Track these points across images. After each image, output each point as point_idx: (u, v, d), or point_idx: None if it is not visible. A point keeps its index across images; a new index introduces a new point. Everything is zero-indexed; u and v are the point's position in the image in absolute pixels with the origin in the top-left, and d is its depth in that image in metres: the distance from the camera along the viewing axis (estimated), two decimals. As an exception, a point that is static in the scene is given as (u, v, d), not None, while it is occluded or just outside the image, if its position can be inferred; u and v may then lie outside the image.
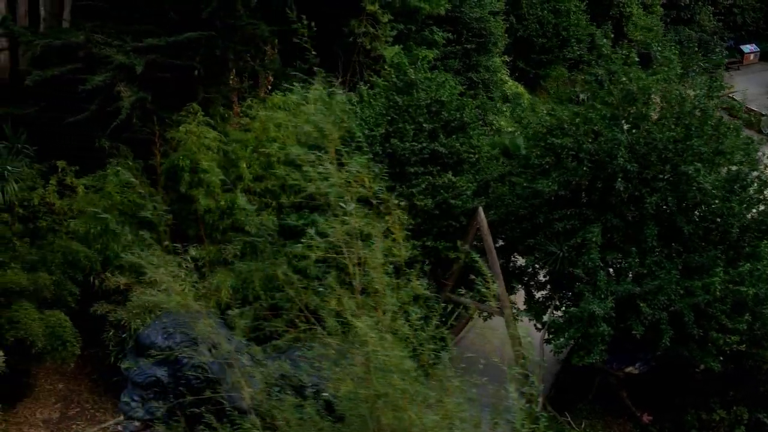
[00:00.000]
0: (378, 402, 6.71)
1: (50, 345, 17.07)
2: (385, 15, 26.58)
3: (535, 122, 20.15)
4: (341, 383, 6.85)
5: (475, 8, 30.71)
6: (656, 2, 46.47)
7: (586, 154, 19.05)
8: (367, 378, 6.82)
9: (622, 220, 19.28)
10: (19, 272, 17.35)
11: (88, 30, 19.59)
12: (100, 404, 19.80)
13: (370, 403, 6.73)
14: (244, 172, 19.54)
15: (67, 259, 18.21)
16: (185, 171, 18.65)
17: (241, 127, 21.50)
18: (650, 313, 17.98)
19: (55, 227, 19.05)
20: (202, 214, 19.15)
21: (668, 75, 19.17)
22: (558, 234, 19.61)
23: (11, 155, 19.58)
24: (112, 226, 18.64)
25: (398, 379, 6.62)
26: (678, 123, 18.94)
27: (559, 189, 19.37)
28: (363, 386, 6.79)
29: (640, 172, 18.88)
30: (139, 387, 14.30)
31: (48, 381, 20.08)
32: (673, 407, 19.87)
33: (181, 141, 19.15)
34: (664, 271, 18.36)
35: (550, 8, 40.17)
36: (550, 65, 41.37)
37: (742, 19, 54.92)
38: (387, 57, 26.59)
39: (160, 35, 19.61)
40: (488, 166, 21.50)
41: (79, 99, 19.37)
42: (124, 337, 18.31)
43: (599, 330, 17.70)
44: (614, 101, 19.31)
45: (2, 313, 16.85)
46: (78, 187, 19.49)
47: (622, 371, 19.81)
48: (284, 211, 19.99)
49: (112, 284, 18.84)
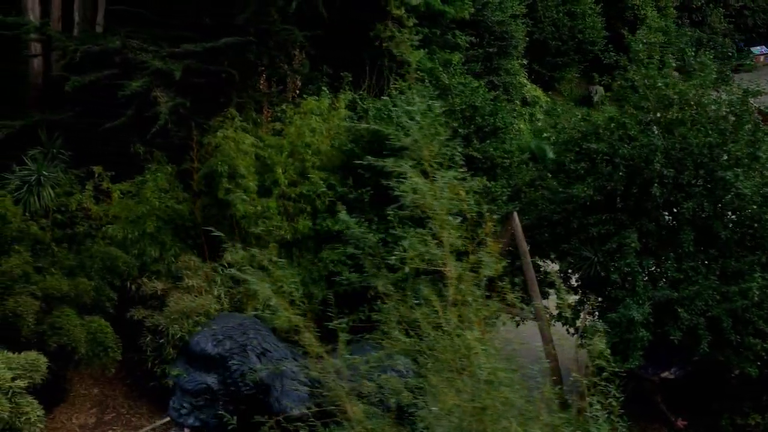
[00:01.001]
0: (483, 415, 6.74)
1: (92, 351, 17.08)
2: (410, 19, 26.67)
3: (570, 127, 20.18)
4: (445, 396, 6.86)
5: (496, 12, 30.79)
6: (669, 5, 46.60)
7: (622, 159, 19.08)
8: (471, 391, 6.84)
9: (656, 225, 19.33)
10: (60, 278, 17.38)
11: (123, 35, 19.61)
12: (135, 409, 19.81)
13: (476, 416, 6.76)
14: (279, 178, 19.59)
15: (105, 265, 18.23)
16: (223, 176, 18.68)
17: (273, 131, 21.56)
18: (688, 318, 18.03)
19: (92, 233, 19.08)
20: (238, 219, 19.18)
21: (704, 80, 19.21)
22: (593, 239, 19.64)
23: (47, 161, 19.63)
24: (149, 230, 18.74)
25: (507, 391, 6.66)
26: (713, 128, 18.97)
27: (595, 194, 19.41)
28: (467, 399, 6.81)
29: (676, 178, 18.92)
30: (189, 394, 14.33)
31: (83, 386, 20.09)
32: (707, 412, 19.90)
33: (218, 146, 19.18)
34: (701, 276, 18.41)
35: (565, 11, 40.30)
36: (565, 68, 41.53)
37: (753, 20, 55.06)
38: (412, 61, 26.66)
39: (196, 41, 19.66)
40: (519, 171, 21.55)
41: (113, 104, 19.40)
42: (162, 343, 18.33)
43: (638, 335, 17.74)
44: (649, 106, 19.34)
45: (44, 319, 16.86)
46: (113, 193, 19.53)
47: (658, 376, 19.85)
48: (319, 216, 20.07)
49: (148, 289, 19.02)
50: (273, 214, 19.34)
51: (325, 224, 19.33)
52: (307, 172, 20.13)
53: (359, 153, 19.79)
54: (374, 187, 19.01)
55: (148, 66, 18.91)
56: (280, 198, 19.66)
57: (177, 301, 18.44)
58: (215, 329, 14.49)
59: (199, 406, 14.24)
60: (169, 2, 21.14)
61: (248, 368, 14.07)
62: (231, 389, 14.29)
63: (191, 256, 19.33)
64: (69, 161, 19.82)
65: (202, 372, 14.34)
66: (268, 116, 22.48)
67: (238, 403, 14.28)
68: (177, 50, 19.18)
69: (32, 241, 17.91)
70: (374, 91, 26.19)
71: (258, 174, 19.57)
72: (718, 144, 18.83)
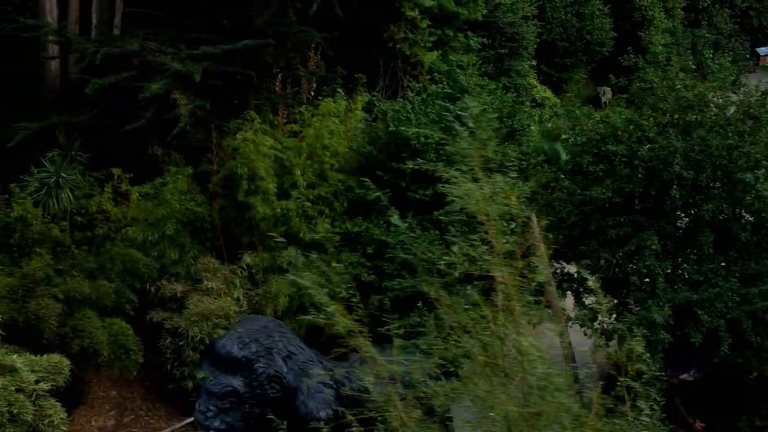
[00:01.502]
0: (537, 420, 6.75)
1: (114, 353, 17.08)
2: (424, 20, 26.67)
3: (588, 129, 20.17)
4: (497, 401, 6.87)
5: (508, 13, 30.81)
6: (677, 6, 46.64)
7: (641, 161, 19.08)
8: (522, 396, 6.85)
9: (674, 227, 19.34)
10: (81, 280, 17.37)
11: (141, 38, 19.61)
12: (154, 411, 19.80)
13: (529, 422, 6.76)
14: (298, 180, 19.60)
15: (125, 267, 18.22)
16: (243, 178, 18.68)
17: (290, 133, 21.58)
18: (708, 320, 18.04)
19: (111, 235, 19.07)
20: (257, 221, 19.18)
21: (723, 82, 19.23)
22: (610, 241, 19.64)
23: (65, 163, 19.61)
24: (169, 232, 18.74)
25: (562, 396, 6.66)
26: (732, 130, 18.98)
27: (613, 196, 19.40)
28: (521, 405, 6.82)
29: (695, 180, 18.93)
30: (215, 396, 14.34)
31: (101, 388, 20.08)
32: (726, 413, 19.91)
33: (237, 148, 19.18)
34: (721, 278, 18.42)
35: (573, 12, 40.33)
36: (573, 69, 41.55)
37: (758, 21, 55.16)
38: (425, 63, 26.67)
39: (213, 43, 19.65)
40: (536, 173, 21.56)
41: (131, 106, 19.40)
42: (181, 345, 18.32)
43: (659, 338, 17.75)
44: (668, 108, 19.35)
45: (66, 322, 16.85)
46: (132, 195, 19.52)
47: (677, 378, 19.87)
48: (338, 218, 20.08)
49: (168, 292, 19.03)
50: (292, 216, 19.34)
51: (344, 227, 19.34)
52: (326, 173, 20.15)
53: (377, 155, 19.80)
54: (393, 189, 19.02)
55: (168, 68, 18.90)
56: (298, 200, 19.65)
57: (196, 303, 18.45)
58: (240, 332, 14.50)
59: (224, 409, 14.26)
60: (185, 4, 21.14)
61: (273, 371, 14.07)
62: (257, 392, 14.31)
63: (210, 258, 19.34)
64: (87, 163, 19.80)
65: (228, 375, 14.37)
66: (283, 118, 22.51)
67: (264, 405, 14.28)
68: (196, 52, 19.17)
69: (53, 243, 17.90)
70: (387, 93, 26.20)
71: (276, 176, 19.57)
72: (737, 146, 18.85)
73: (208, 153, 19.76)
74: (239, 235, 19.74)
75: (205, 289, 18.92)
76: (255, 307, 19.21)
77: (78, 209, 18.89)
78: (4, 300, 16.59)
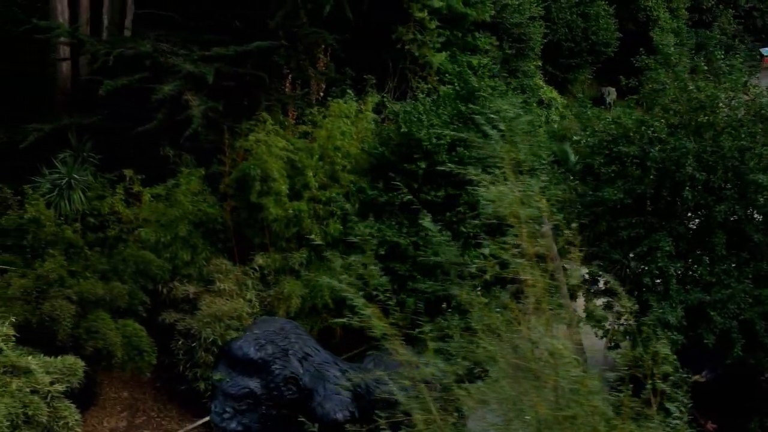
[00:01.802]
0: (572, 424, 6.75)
1: (127, 355, 17.08)
2: (433, 21, 26.66)
3: (600, 130, 20.19)
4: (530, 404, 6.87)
5: (515, 14, 30.81)
6: (681, 6, 46.63)
7: (653, 163, 19.09)
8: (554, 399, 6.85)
9: (686, 228, 19.34)
10: (95, 281, 17.37)
11: (153, 39, 19.60)
12: (165, 412, 19.79)
13: (562, 425, 6.76)
14: (310, 181, 19.60)
15: (138, 268, 18.21)
16: (256, 180, 18.67)
17: (300, 134, 21.58)
18: (721, 321, 18.05)
19: (123, 236, 19.07)
20: (269, 222, 19.18)
21: (735, 84, 19.24)
22: (622, 242, 19.65)
23: (76, 164, 19.60)
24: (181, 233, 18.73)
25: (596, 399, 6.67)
26: (744, 131, 18.99)
27: (625, 197, 19.41)
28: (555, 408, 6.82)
29: (707, 181, 18.94)
30: (232, 398, 14.34)
31: (113, 389, 20.08)
32: (737, 414, 19.90)
33: (249, 150, 19.18)
34: (733, 280, 18.43)
35: (578, 12, 40.32)
36: (578, 69, 41.55)
37: (762, 21, 55.13)
38: (434, 64, 26.67)
39: (225, 44, 19.65)
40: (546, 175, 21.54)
41: (142, 107, 19.40)
42: (194, 346, 18.32)
43: (672, 339, 17.72)
44: (679, 109, 19.36)
45: (80, 323, 16.85)
46: (144, 196, 19.52)
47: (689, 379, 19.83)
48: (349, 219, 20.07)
49: (180, 293, 19.03)
50: (304, 217, 19.34)
51: (357, 228, 19.34)
52: (337, 175, 20.15)
53: (389, 156, 19.80)
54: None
55: (180, 69, 18.90)
56: (310, 201, 19.66)
57: (209, 304, 18.45)
58: (257, 333, 14.51)
59: (241, 411, 14.26)
60: (196, 6, 21.14)
61: (290, 372, 14.07)
62: (274, 393, 14.31)
63: (222, 260, 19.35)
64: (98, 164, 19.80)
65: (245, 376, 14.37)
66: (293, 119, 22.52)
67: (281, 407, 14.28)
68: (208, 53, 19.17)
69: (66, 244, 17.88)
70: (396, 94, 26.21)
71: (288, 177, 19.57)
72: (749, 147, 18.86)
73: (219, 154, 19.75)
74: (251, 236, 19.74)
75: (217, 291, 18.92)
76: (267, 309, 19.20)
77: (90, 210, 18.88)
78: (18, 301, 16.59)
